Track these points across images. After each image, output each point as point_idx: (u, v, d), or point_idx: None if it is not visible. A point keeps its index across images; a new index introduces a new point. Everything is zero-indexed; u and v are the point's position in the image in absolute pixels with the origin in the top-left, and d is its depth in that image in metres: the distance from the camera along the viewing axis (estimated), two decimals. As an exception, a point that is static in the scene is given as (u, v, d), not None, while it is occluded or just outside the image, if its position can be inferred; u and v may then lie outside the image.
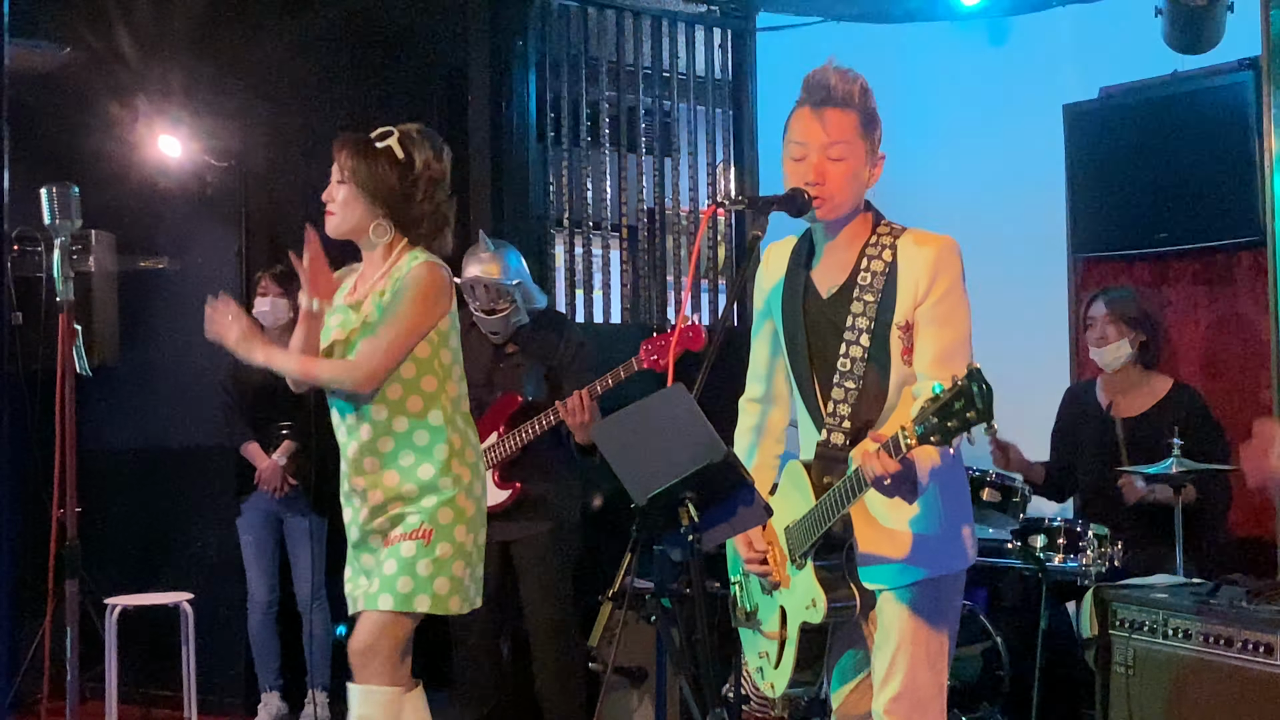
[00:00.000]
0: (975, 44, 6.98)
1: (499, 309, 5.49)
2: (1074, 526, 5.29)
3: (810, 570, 3.45)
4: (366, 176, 4.13)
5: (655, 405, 3.05)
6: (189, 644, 6.17)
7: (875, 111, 3.50)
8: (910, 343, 3.39)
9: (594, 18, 7.21)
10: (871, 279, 3.44)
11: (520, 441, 5.41)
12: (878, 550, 3.47)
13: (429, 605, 4.04)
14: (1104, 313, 5.64)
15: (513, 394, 5.49)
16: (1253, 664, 4.31)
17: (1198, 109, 6.03)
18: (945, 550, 3.51)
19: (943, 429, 2.92)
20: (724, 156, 7.62)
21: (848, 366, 3.44)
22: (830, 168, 3.46)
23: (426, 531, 4.04)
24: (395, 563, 4.04)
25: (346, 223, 4.18)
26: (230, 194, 6.84)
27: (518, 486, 5.45)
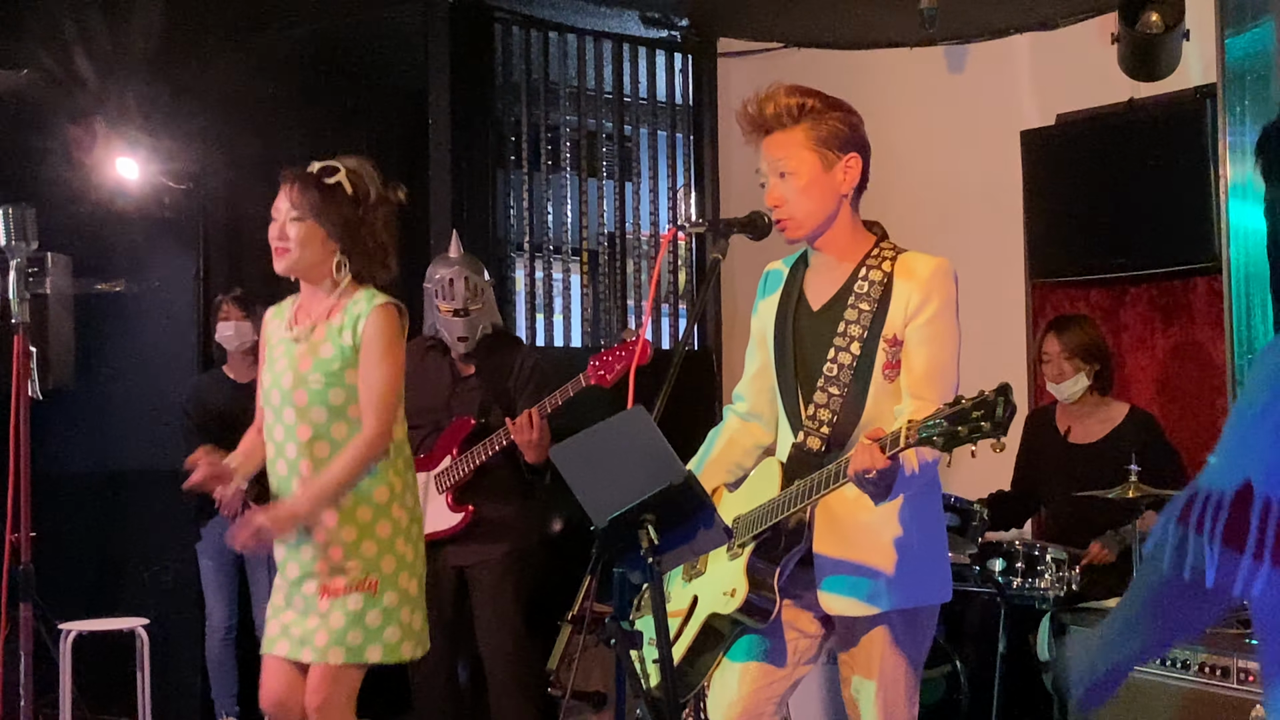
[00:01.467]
0: (934, 70, 7.01)
1: (472, 308, 5.48)
2: (1032, 550, 5.30)
3: (742, 561, 3.43)
4: (325, 212, 4.08)
5: (615, 427, 3.05)
6: (144, 669, 6.11)
7: (832, 119, 3.46)
8: (894, 358, 3.39)
9: (555, 42, 7.22)
10: (869, 288, 3.44)
11: (472, 464, 5.39)
12: (848, 577, 3.46)
13: (381, 655, 4.03)
14: (1058, 349, 5.68)
15: (466, 417, 5.48)
16: (1210, 687, 4.33)
17: (1154, 136, 6.07)
18: (922, 581, 3.49)
19: (950, 434, 2.91)
20: (685, 181, 7.63)
21: (834, 372, 3.44)
22: (782, 187, 3.47)
23: (372, 582, 4.02)
24: (342, 615, 4.00)
25: (304, 260, 4.11)
26: (188, 217, 6.81)
27: (470, 510, 5.43)
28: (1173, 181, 5.95)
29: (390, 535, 4.07)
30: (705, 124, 7.68)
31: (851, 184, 3.49)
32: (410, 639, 4.10)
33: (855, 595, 3.44)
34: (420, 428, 5.60)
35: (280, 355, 4.17)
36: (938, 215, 6.68)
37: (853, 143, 3.48)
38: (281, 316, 4.26)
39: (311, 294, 4.20)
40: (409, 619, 4.09)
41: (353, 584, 4.01)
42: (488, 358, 5.58)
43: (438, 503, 5.47)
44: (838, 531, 3.44)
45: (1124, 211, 6.14)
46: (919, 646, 3.56)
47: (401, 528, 4.10)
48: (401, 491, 4.13)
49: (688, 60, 7.68)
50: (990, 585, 5.29)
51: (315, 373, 4.07)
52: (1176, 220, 5.93)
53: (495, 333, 5.65)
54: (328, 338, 4.09)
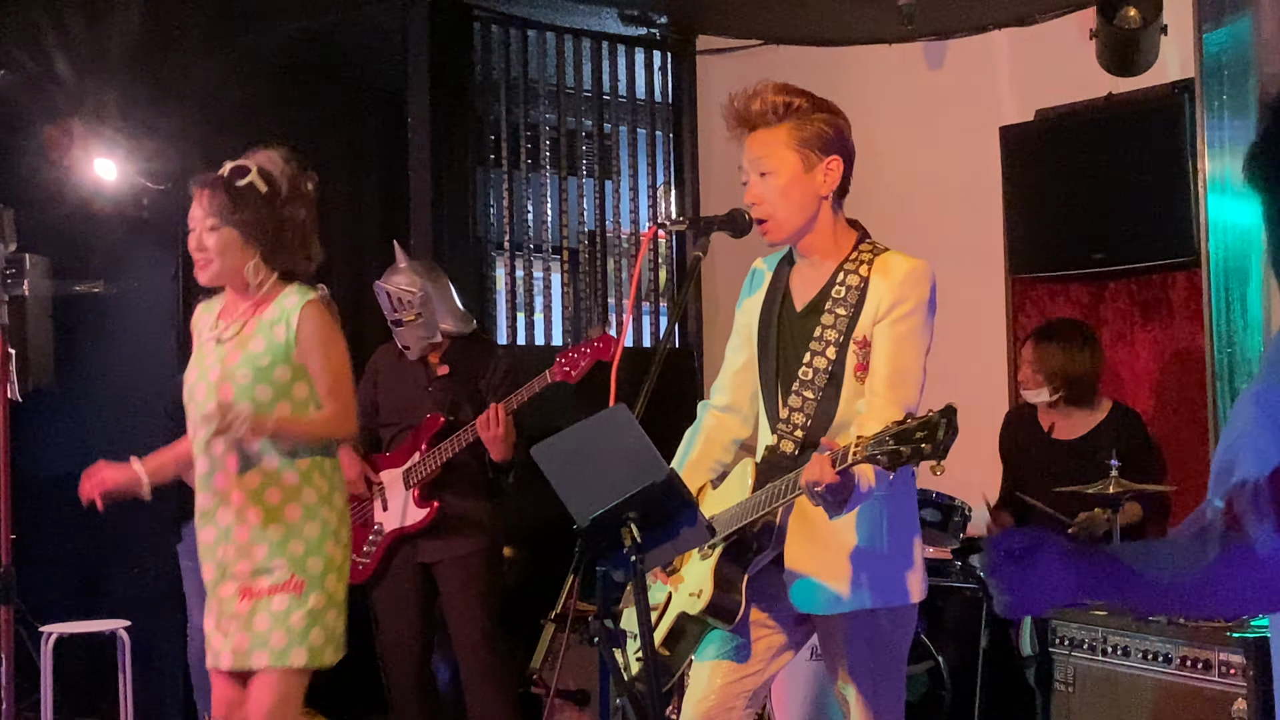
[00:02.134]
0: (913, 67, 7.02)
1: (404, 319, 5.48)
2: (1014, 546, 5.30)
3: (711, 563, 3.43)
4: (239, 217, 4.01)
5: (597, 425, 3.05)
6: (126, 672, 6.10)
7: (814, 119, 3.46)
8: (864, 359, 3.39)
9: (534, 40, 7.21)
10: (846, 293, 3.44)
11: (439, 459, 5.40)
12: (821, 575, 3.46)
13: (305, 659, 3.94)
14: (1030, 360, 5.69)
15: (436, 414, 5.49)
16: (1191, 680, 4.34)
17: (1133, 131, 6.08)
18: (895, 580, 3.49)
19: (893, 453, 2.93)
20: (664, 179, 7.63)
21: (809, 376, 3.44)
22: (761, 186, 3.47)
23: (298, 583, 3.94)
24: (267, 617, 3.94)
25: (226, 268, 4.06)
26: (167, 217, 6.77)
27: (436, 505, 5.44)
28: (1151, 176, 5.96)
29: (319, 536, 4.00)
30: (685, 122, 7.68)
31: (831, 186, 3.48)
32: (333, 644, 4.02)
33: (827, 595, 3.45)
34: (393, 425, 5.62)
35: (208, 353, 4.12)
36: (917, 211, 6.69)
37: (835, 145, 3.48)
38: (211, 312, 4.21)
39: (237, 295, 4.14)
40: (334, 622, 4.01)
41: (276, 585, 3.94)
42: (462, 359, 5.59)
43: (405, 498, 5.48)
44: (810, 531, 3.45)
45: (1103, 206, 6.15)
46: (899, 643, 3.57)
47: (330, 529, 4.03)
48: (329, 493, 4.06)
49: (667, 58, 7.68)
50: (972, 581, 5.30)
51: (243, 368, 4.01)
52: (1155, 215, 5.95)
53: (473, 336, 5.66)
54: (258, 331, 4.04)
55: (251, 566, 3.97)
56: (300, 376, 4.04)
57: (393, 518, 5.51)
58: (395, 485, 5.52)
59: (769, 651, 3.59)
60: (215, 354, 4.09)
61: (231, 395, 3.99)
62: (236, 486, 4.00)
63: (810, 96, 3.49)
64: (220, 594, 4.04)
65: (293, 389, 4.03)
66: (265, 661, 3.92)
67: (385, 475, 5.57)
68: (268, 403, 3.99)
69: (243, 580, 3.98)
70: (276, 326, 4.02)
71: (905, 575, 3.51)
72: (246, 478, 3.99)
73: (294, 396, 4.03)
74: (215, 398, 4.01)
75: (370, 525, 5.57)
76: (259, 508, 3.98)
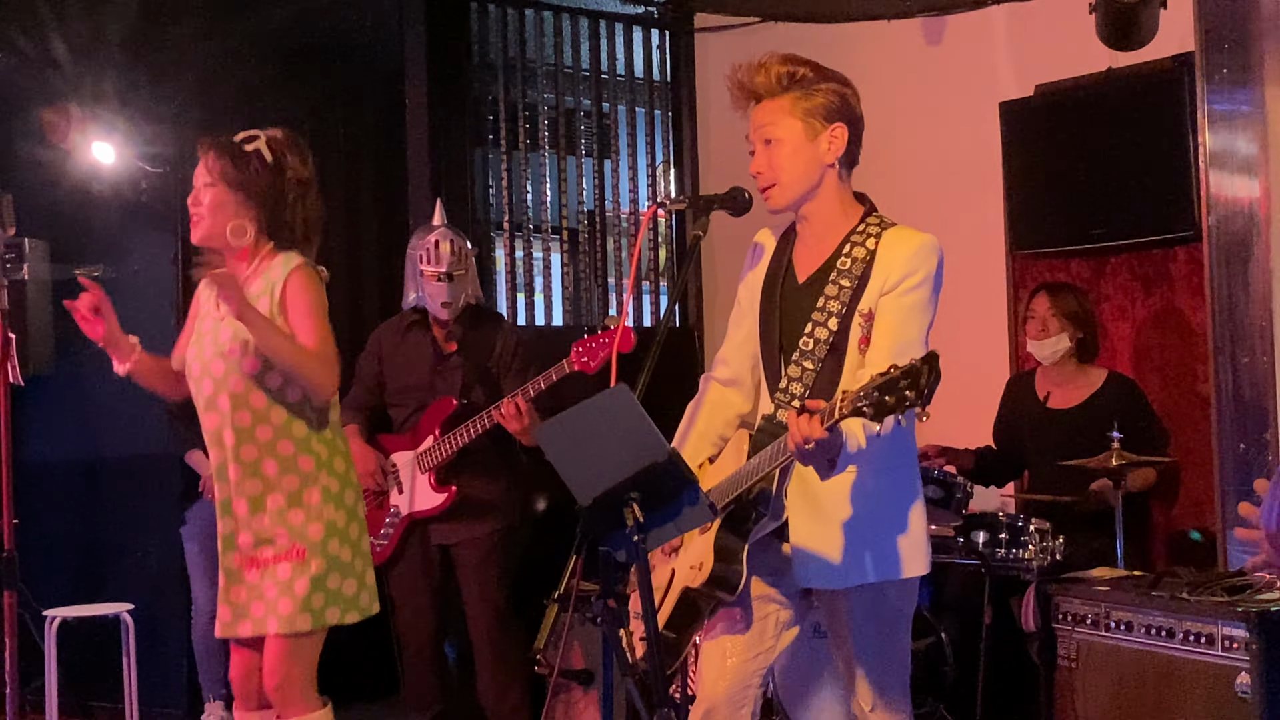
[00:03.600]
0: (911, 43, 7.00)
1: (456, 273, 5.48)
2: (1015, 521, 5.32)
3: (711, 535, 3.44)
4: (237, 178, 4.02)
5: (598, 406, 3.05)
6: (130, 655, 6.10)
7: (819, 88, 3.45)
8: (869, 332, 3.38)
9: (531, 20, 7.19)
10: (851, 265, 3.43)
11: (455, 444, 5.39)
12: (822, 549, 3.46)
13: (310, 623, 3.97)
14: (1046, 306, 5.73)
15: (449, 397, 5.48)
16: (1195, 654, 4.34)
17: (1133, 105, 6.06)
18: (897, 554, 3.49)
19: (879, 404, 2.90)
20: (663, 158, 7.62)
21: (810, 346, 3.43)
22: (765, 154, 3.46)
23: (299, 550, 3.97)
24: (274, 585, 3.97)
25: (217, 227, 4.05)
26: (165, 201, 6.77)
27: (454, 490, 5.44)
28: (1152, 151, 5.95)
29: (320, 502, 4.00)
30: (683, 100, 7.67)
31: (836, 154, 3.47)
32: (337, 604, 4.02)
33: (830, 569, 3.46)
34: (403, 406, 5.61)
35: (206, 330, 4.12)
36: (917, 188, 6.67)
37: (841, 113, 3.47)
38: (212, 289, 4.17)
39: (233, 266, 4.14)
40: (337, 585, 4.02)
41: (280, 553, 3.98)
42: (469, 334, 5.58)
43: (421, 483, 5.48)
44: (813, 507, 3.45)
45: (1103, 181, 6.14)
46: (901, 617, 3.58)
47: (333, 494, 4.04)
48: (329, 458, 4.07)
49: (665, 36, 7.66)
50: (974, 557, 5.31)
51: (233, 342, 4.00)
52: (1156, 189, 5.94)
53: (477, 307, 5.65)
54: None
55: (254, 538, 4.01)
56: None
57: (408, 501, 5.51)
58: (408, 468, 5.52)
59: (778, 627, 3.60)
60: (212, 331, 4.10)
61: (223, 370, 4.01)
62: (233, 460, 4.02)
63: (816, 66, 3.49)
64: (227, 565, 4.08)
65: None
66: (276, 628, 3.96)
67: (398, 458, 5.56)
68: (257, 375, 4.00)
69: (247, 551, 4.02)
70: (261, 299, 4.01)
71: (908, 548, 3.51)
72: (243, 451, 4.01)
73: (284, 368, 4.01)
74: (209, 375, 4.03)
75: (386, 507, 5.57)
76: (257, 479, 4.01)
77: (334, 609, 4.01)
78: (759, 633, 3.59)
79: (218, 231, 4.06)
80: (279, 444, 4.01)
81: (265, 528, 4.00)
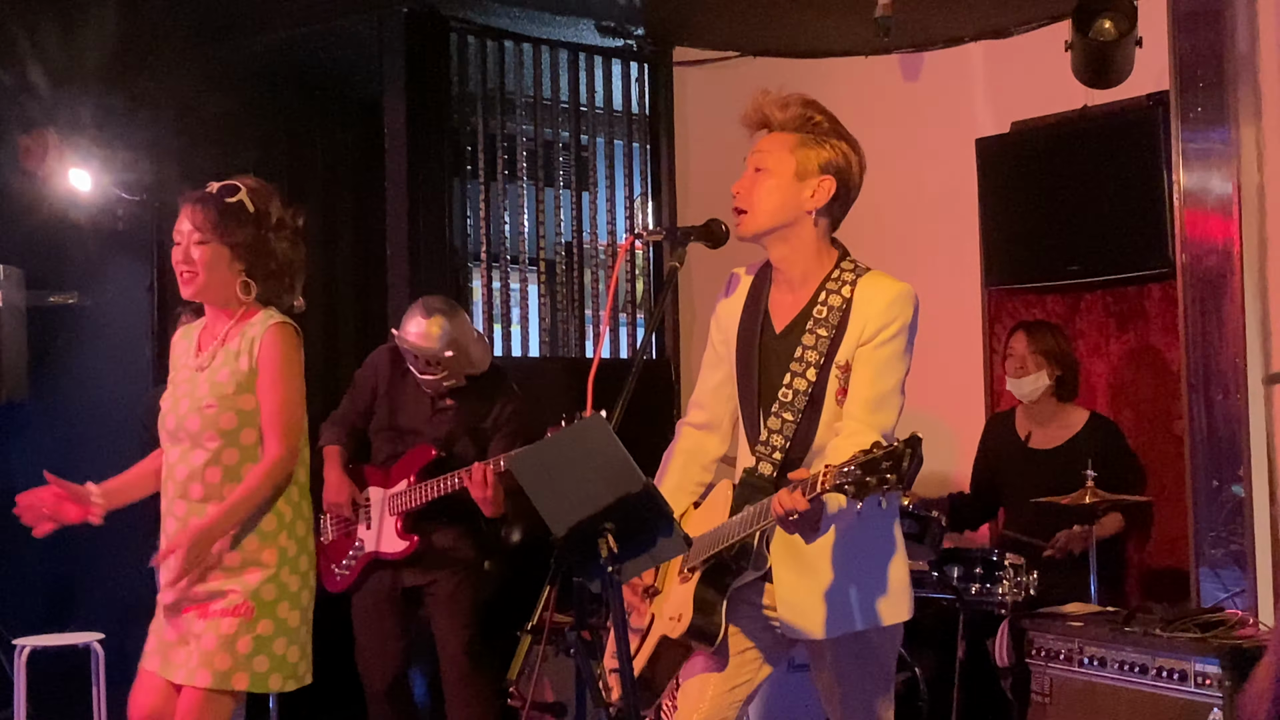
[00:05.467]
0: (889, 79, 7.03)
1: (432, 374, 5.43)
2: (990, 556, 5.32)
3: (691, 586, 3.43)
4: (227, 232, 3.99)
5: (574, 436, 3.04)
6: (100, 685, 6.06)
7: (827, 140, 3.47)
8: (846, 384, 3.38)
9: (510, 51, 7.20)
10: (828, 314, 3.42)
11: (426, 495, 5.34)
12: (804, 600, 3.46)
13: (248, 684, 3.91)
14: (1025, 345, 5.74)
15: (427, 446, 5.43)
16: (1168, 690, 4.35)
17: (1108, 143, 6.10)
18: (881, 601, 3.50)
19: (860, 483, 2.91)
20: (642, 190, 7.63)
21: (789, 398, 3.43)
22: (752, 180, 3.47)
23: (248, 608, 3.91)
24: (215, 638, 3.91)
25: (212, 284, 4.02)
26: (142, 228, 6.76)
27: (416, 540, 5.40)
28: (1127, 188, 5.98)
29: (276, 564, 3.97)
30: (662, 133, 7.67)
31: (817, 203, 3.46)
32: (280, 672, 3.96)
33: (813, 618, 3.46)
34: (389, 442, 5.56)
35: (182, 381, 4.09)
36: (894, 223, 6.70)
37: (836, 170, 3.47)
38: (190, 339, 4.18)
39: (216, 318, 4.12)
40: (283, 651, 3.96)
41: (229, 608, 3.92)
42: (469, 389, 5.51)
43: (388, 524, 5.45)
44: (794, 557, 3.44)
45: (1079, 218, 6.17)
46: (884, 662, 3.59)
47: (288, 557, 4.00)
48: (292, 520, 4.02)
49: (644, 69, 7.67)
50: (948, 592, 5.31)
51: (209, 398, 3.98)
52: (1131, 227, 5.97)
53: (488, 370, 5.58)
54: (224, 362, 4.02)
55: (207, 591, 3.95)
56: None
57: (372, 539, 5.48)
58: (380, 506, 5.48)
59: (757, 660, 3.60)
60: (188, 383, 4.07)
61: (199, 426, 3.98)
62: (197, 515, 3.97)
63: (834, 121, 3.51)
64: (182, 613, 4.01)
65: (257, 417, 4.00)
66: (207, 682, 3.88)
67: (372, 492, 5.53)
68: (233, 431, 3.97)
69: (198, 602, 3.96)
70: (241, 356, 4.00)
71: (892, 594, 3.52)
72: (209, 506, 3.96)
73: (258, 424, 4.00)
74: (185, 429, 4.00)
75: (353, 538, 5.54)
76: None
77: (276, 675, 3.95)
78: (737, 666, 3.58)
79: (213, 289, 4.04)
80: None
81: (219, 582, 3.94)
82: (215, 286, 4.04)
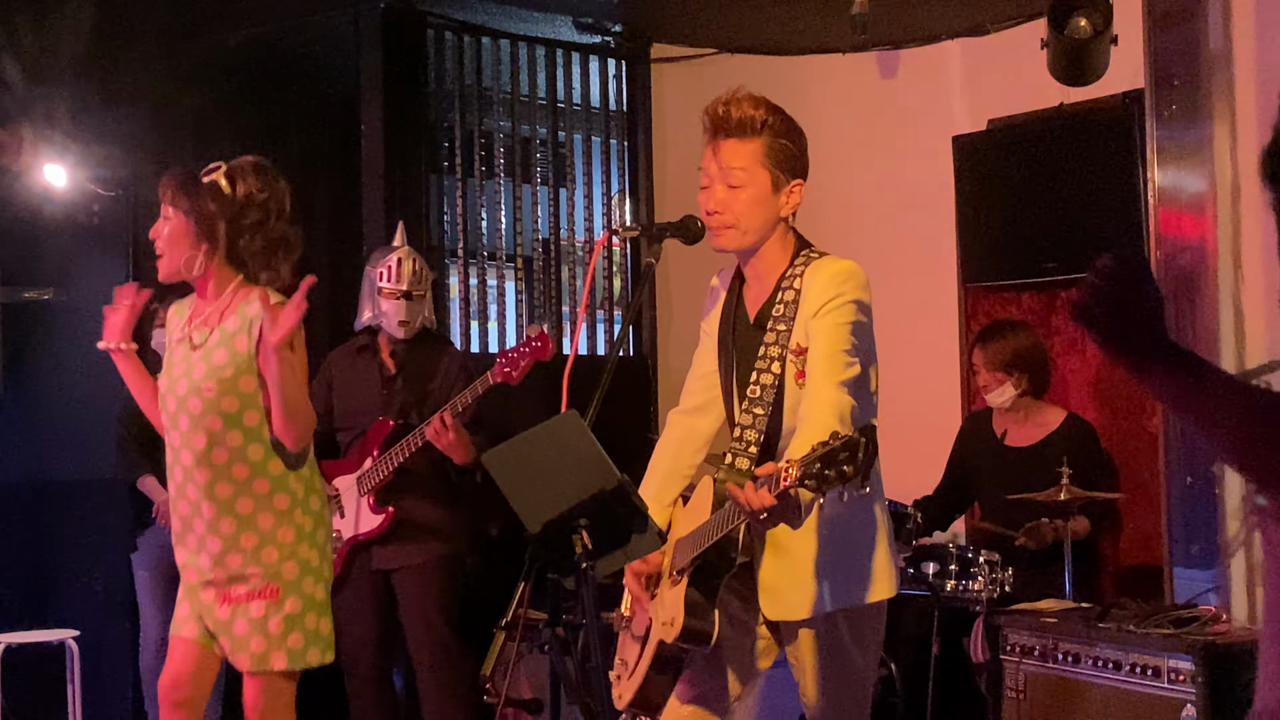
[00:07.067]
0: (866, 76, 7.04)
1: (415, 292, 5.50)
2: (966, 553, 5.34)
3: (681, 589, 3.44)
4: (190, 210, 3.99)
5: (549, 432, 3.05)
6: (75, 682, 6.05)
7: (788, 139, 3.49)
8: (803, 366, 3.39)
9: (488, 47, 7.20)
10: (785, 309, 3.45)
11: (391, 464, 5.37)
12: (783, 582, 3.47)
13: (286, 663, 3.97)
14: (982, 359, 5.75)
15: (385, 419, 5.46)
16: (1141, 686, 4.37)
17: (1084, 141, 6.12)
18: (862, 579, 3.50)
19: (820, 477, 2.89)
20: (619, 187, 7.63)
21: (757, 394, 3.45)
22: (729, 196, 3.48)
23: (273, 589, 3.95)
24: (245, 623, 3.95)
25: (174, 262, 4.04)
26: (118, 224, 6.74)
27: (391, 511, 5.42)
28: (1102, 186, 6.00)
29: (294, 541, 4.00)
30: (639, 129, 7.68)
31: (792, 208, 3.52)
32: (317, 645, 4.04)
33: (795, 599, 3.46)
34: (350, 429, 5.60)
35: (178, 360, 4.09)
36: (870, 220, 6.71)
37: (800, 168, 3.52)
38: (181, 315, 4.17)
39: (204, 295, 4.11)
40: (315, 624, 4.03)
41: (253, 591, 3.95)
42: (414, 356, 5.58)
43: (360, 505, 5.46)
44: (776, 538, 3.45)
45: (1055, 216, 6.19)
46: (866, 644, 3.58)
47: (306, 533, 4.03)
48: (305, 496, 4.05)
49: (621, 66, 7.68)
50: (924, 588, 5.32)
51: (209, 380, 3.98)
52: (1106, 224, 5.98)
53: (427, 330, 5.64)
54: (221, 342, 4.01)
55: (227, 574, 3.98)
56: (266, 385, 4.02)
57: (349, 525, 5.49)
58: (350, 492, 5.49)
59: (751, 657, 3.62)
60: (185, 363, 4.06)
61: (200, 409, 3.97)
62: (207, 498, 3.98)
63: (782, 114, 3.52)
64: (201, 599, 4.04)
65: (258, 397, 4.01)
66: (246, 666, 3.95)
67: (340, 482, 5.54)
68: (235, 413, 3.98)
69: (220, 586, 3.99)
70: (239, 337, 3.99)
71: (874, 572, 3.52)
72: (217, 488, 3.98)
73: (260, 404, 4.00)
74: (186, 411, 4.00)
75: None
76: (231, 517, 3.97)
77: (314, 649, 4.02)
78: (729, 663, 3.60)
79: (175, 266, 4.05)
80: (255, 482, 3.99)
81: (239, 565, 3.97)
82: (180, 265, 4.04)
